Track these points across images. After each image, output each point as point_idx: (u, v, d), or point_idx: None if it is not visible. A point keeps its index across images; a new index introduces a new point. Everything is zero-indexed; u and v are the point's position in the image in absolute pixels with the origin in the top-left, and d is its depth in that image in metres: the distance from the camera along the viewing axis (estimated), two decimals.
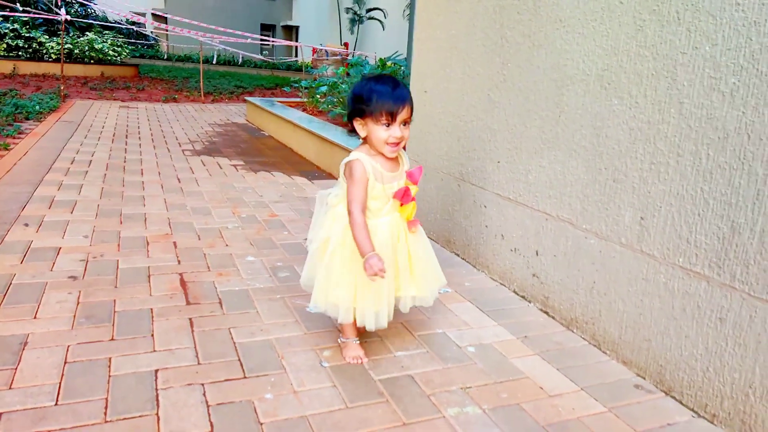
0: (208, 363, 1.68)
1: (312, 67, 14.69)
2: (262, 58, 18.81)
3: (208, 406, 1.47)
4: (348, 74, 6.72)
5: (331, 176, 4.53)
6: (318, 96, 6.57)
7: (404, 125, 1.63)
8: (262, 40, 19.65)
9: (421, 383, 1.66)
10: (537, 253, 2.26)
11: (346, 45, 20.57)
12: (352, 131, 1.70)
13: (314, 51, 17.97)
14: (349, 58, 11.39)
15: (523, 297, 2.35)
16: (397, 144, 1.63)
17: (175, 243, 2.70)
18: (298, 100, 7.81)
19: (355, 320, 1.72)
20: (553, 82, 2.11)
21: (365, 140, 1.68)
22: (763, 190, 1.42)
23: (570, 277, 2.09)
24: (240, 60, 17.88)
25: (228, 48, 15.14)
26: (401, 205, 1.72)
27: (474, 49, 2.58)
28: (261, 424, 1.42)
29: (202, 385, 1.56)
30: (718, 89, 1.51)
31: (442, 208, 2.92)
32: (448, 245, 2.88)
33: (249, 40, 14.65)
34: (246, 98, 8.23)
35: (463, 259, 2.74)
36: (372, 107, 1.58)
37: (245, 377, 1.62)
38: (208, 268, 2.41)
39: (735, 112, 1.47)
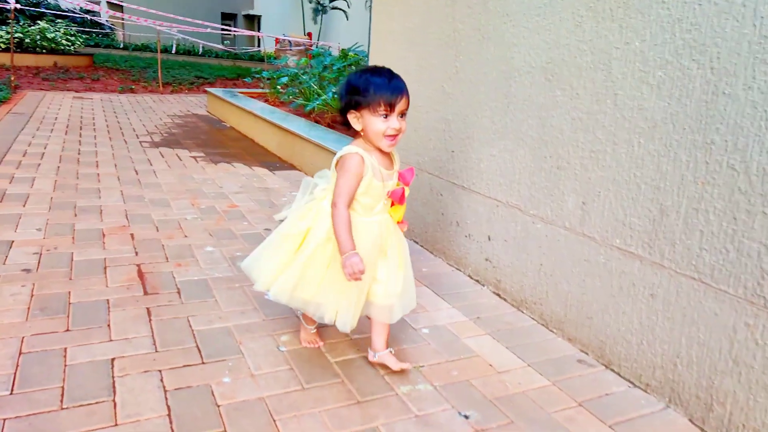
0: (166, 350, 1.71)
1: (275, 58, 14.54)
2: (223, 47, 18.48)
3: (165, 391, 1.50)
4: (310, 65, 6.71)
5: (293, 167, 4.55)
6: (279, 87, 6.54)
7: (401, 117, 1.57)
8: (222, 29, 19.29)
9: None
10: (489, 239, 2.35)
11: (309, 35, 20.41)
12: (345, 125, 1.62)
13: (277, 41, 17.77)
14: (312, 48, 11.33)
15: (477, 281, 2.44)
16: (395, 136, 1.56)
17: (132, 235, 2.69)
18: (260, 91, 7.75)
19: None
20: (501, 74, 2.20)
21: (359, 135, 1.61)
22: (686, 175, 1.53)
23: (519, 261, 2.19)
24: (200, 50, 17.54)
25: (187, 37, 14.83)
26: (392, 205, 1.67)
27: (429, 42, 2.65)
28: (218, 406, 1.46)
29: (160, 371, 1.59)
30: (647, 82, 1.61)
31: None
32: (406, 233, 2.95)
33: (209, 30, 14.38)
34: (207, 89, 8.11)
35: (420, 246, 2.82)
36: (369, 98, 1.52)
37: (203, 363, 1.66)
38: (166, 259, 2.42)
39: (662, 103, 1.58)
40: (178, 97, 9.20)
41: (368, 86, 1.53)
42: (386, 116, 1.54)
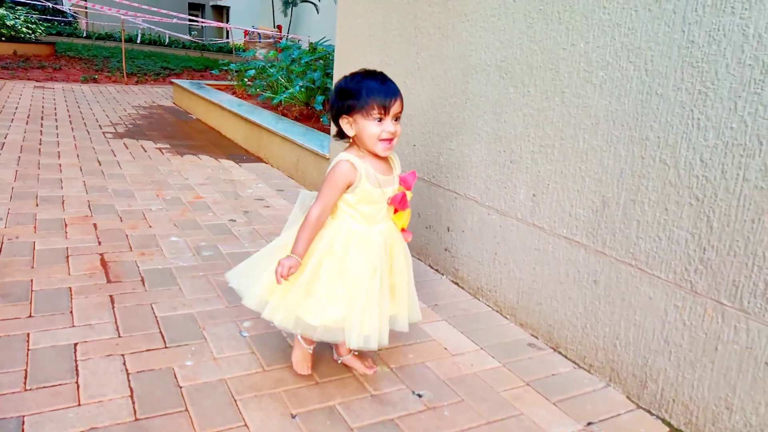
0: (129, 336, 1.74)
1: (243, 50, 14.38)
2: (190, 38, 18.17)
3: (128, 374, 1.55)
4: (278, 59, 6.71)
5: (260, 159, 4.57)
6: (246, 79, 6.53)
7: (396, 120, 1.50)
8: (190, 20, 18.96)
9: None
10: (448, 230, 2.44)
11: (279, 28, 20.21)
12: (338, 134, 1.56)
13: (246, 33, 17.56)
14: (282, 41, 11.26)
15: (437, 270, 2.54)
16: (391, 140, 1.50)
17: (95, 225, 2.69)
18: (227, 83, 7.71)
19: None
20: (460, 71, 2.28)
21: (353, 141, 1.54)
22: (625, 168, 1.65)
23: (476, 250, 2.29)
24: (166, 40, 17.21)
25: (153, 27, 14.55)
26: (395, 212, 1.60)
27: (391, 38, 2.72)
28: (180, 387, 1.51)
29: (122, 355, 1.63)
30: (591, 81, 1.72)
31: None
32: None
33: (175, 20, 14.14)
34: (173, 80, 8.02)
35: None
36: (362, 101, 1.46)
37: (166, 347, 1.70)
38: (130, 248, 2.44)
39: (603, 101, 1.69)
40: (143, 87, 9.06)
41: (360, 89, 1.47)
42: (380, 120, 1.48)
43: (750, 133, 1.35)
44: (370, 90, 1.47)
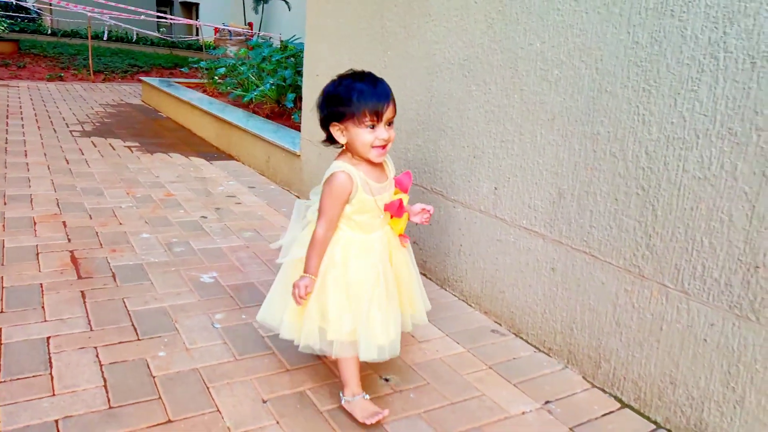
0: (101, 329, 1.77)
1: (214, 47, 14.25)
2: (159, 35, 17.89)
3: (101, 365, 1.58)
4: (249, 56, 6.70)
5: (231, 157, 4.58)
6: (217, 77, 6.51)
7: (389, 125, 1.45)
8: (158, 16, 18.66)
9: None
10: (416, 223, 2.51)
11: (250, 25, 20.05)
12: (327, 140, 1.51)
13: (216, 31, 17.38)
14: (253, 39, 11.20)
15: None
16: (385, 147, 1.45)
17: (64, 222, 2.69)
18: (197, 81, 7.65)
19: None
20: (425, 70, 2.36)
21: (345, 148, 1.49)
22: (579, 161, 1.75)
23: (443, 242, 2.37)
24: (134, 37, 16.92)
25: (120, 24, 14.29)
26: (391, 217, 1.55)
27: (359, 37, 2.78)
28: (153, 377, 1.56)
29: (95, 348, 1.67)
30: (547, 79, 1.82)
31: None
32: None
33: (143, 17, 13.92)
34: (141, 78, 7.93)
35: None
36: (353, 108, 1.39)
37: (139, 339, 1.74)
38: (100, 245, 2.45)
39: (558, 98, 1.79)
40: (110, 85, 8.92)
41: (350, 94, 1.39)
42: (373, 126, 1.41)
43: (688, 127, 1.45)
44: (361, 95, 1.39)
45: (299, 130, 3.64)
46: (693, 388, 1.50)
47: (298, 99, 4.91)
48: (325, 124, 1.48)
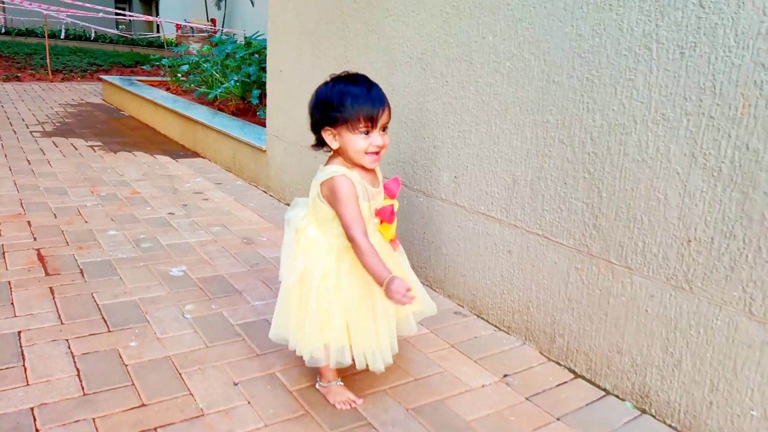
0: (72, 322, 1.80)
1: (176, 45, 14.02)
2: (118, 33, 17.49)
3: (73, 356, 1.61)
4: (212, 53, 6.66)
5: (197, 154, 4.57)
6: (180, 75, 6.45)
7: (383, 131, 1.42)
8: (117, 13, 18.24)
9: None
10: None
11: (213, 22, 19.74)
12: (317, 144, 1.47)
13: (178, 27, 17.08)
14: (216, 35, 11.07)
15: None
16: (378, 153, 1.42)
17: (29, 222, 2.68)
18: (160, 78, 7.56)
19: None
20: (385, 64, 2.44)
21: (336, 153, 1.45)
22: (531, 149, 1.85)
23: (407, 231, 2.45)
24: (92, 35, 16.51)
25: (78, 22, 13.95)
26: (381, 222, 1.53)
27: (321, 33, 2.84)
28: (126, 365, 1.60)
29: (67, 340, 1.70)
30: (499, 71, 1.91)
31: (303, 179, 3.18)
32: None
33: (101, 14, 13.60)
34: (102, 77, 7.79)
35: None
36: (346, 113, 1.35)
37: (109, 331, 1.77)
38: (66, 243, 2.46)
39: (511, 89, 1.89)
40: (69, 85, 8.73)
41: (344, 99, 1.35)
42: (367, 132, 1.38)
43: (627, 114, 1.56)
44: (355, 99, 1.35)
45: (265, 126, 3.68)
46: (637, 356, 1.62)
47: (263, 95, 4.92)
48: (316, 128, 1.43)
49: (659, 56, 1.47)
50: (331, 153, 1.48)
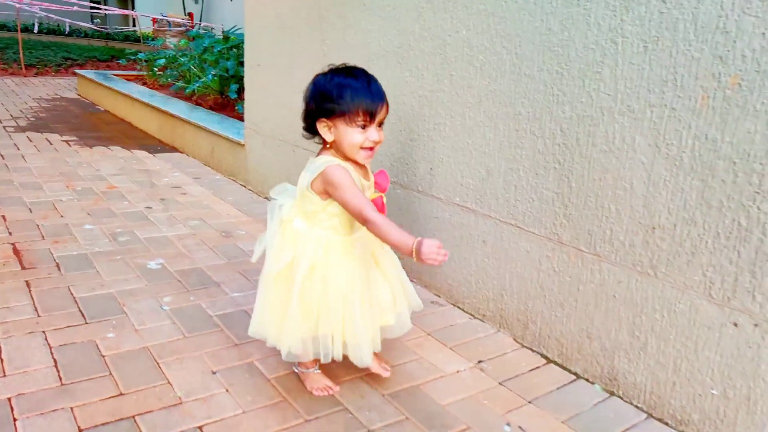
0: (48, 315, 1.80)
1: (153, 39, 13.81)
2: (93, 27, 17.16)
3: (50, 348, 1.62)
4: (189, 48, 6.60)
5: (175, 149, 4.54)
6: (156, 69, 6.39)
7: (379, 126, 1.40)
8: (92, 7, 17.91)
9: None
10: None
11: (190, 16, 19.48)
12: (310, 131, 1.45)
13: (155, 21, 16.82)
14: (193, 29, 10.94)
15: None
16: (373, 149, 1.40)
17: (4, 216, 2.65)
18: (136, 73, 7.47)
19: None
20: (362, 58, 2.46)
21: (328, 145, 1.43)
22: (504, 141, 1.89)
23: None
24: (67, 29, 16.19)
25: (51, 16, 13.66)
26: None
27: (299, 27, 2.85)
28: (103, 356, 1.60)
29: (44, 332, 1.69)
30: (473, 64, 1.95)
31: (281, 173, 3.19)
32: None
33: (75, 8, 13.35)
34: (77, 71, 7.67)
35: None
36: (345, 106, 1.33)
37: (87, 323, 1.77)
38: (42, 237, 2.44)
39: (484, 82, 1.93)
40: (43, 79, 8.58)
41: (343, 92, 1.33)
42: (364, 127, 1.36)
43: (595, 105, 1.62)
44: (355, 93, 1.33)
45: (243, 120, 3.68)
46: (605, 340, 1.67)
47: (242, 90, 4.90)
48: (310, 118, 1.41)
49: (624, 50, 1.52)
50: (322, 146, 1.46)
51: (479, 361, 1.78)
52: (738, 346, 1.38)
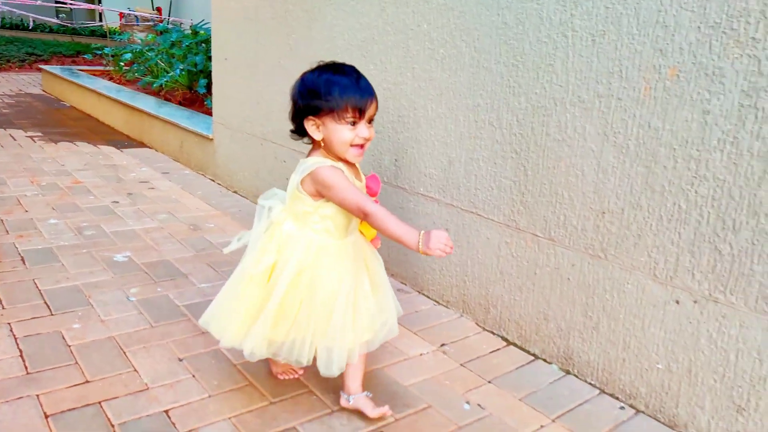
0: (13, 307, 1.80)
1: (119, 33, 13.56)
2: (58, 22, 16.76)
3: (15, 339, 1.62)
4: (157, 42, 6.52)
5: (143, 144, 4.50)
6: (123, 64, 6.31)
7: (369, 123, 1.37)
8: (57, 2, 17.47)
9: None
10: None
11: (158, 10, 19.16)
12: (297, 133, 1.41)
13: (122, 16, 16.50)
14: (161, 24, 10.78)
15: None
16: (363, 146, 1.37)
17: None
18: (102, 68, 7.35)
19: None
20: (328, 51, 2.50)
21: (317, 145, 1.39)
22: (464, 132, 1.96)
23: None
24: (31, 24, 15.78)
25: (14, 10, 13.30)
26: (362, 221, 1.43)
27: (264, 21, 2.87)
28: (69, 346, 1.62)
29: (9, 324, 1.70)
30: (434, 57, 2.01)
31: (250, 166, 3.20)
32: (257, 200, 3.18)
33: (39, 2, 13.03)
34: (41, 67, 7.51)
35: None
36: (333, 102, 1.30)
37: (52, 315, 1.78)
38: (6, 232, 2.42)
39: (445, 75, 1.98)
40: (6, 75, 8.37)
41: (331, 88, 1.31)
42: (354, 123, 1.33)
43: (548, 96, 1.69)
44: (344, 89, 1.31)
45: (211, 114, 3.67)
46: (561, 321, 1.75)
47: (211, 84, 4.88)
48: (298, 117, 1.37)
49: (574, 43, 1.60)
50: (312, 146, 1.42)
51: (442, 345, 1.85)
52: (680, 322, 1.47)
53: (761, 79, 1.26)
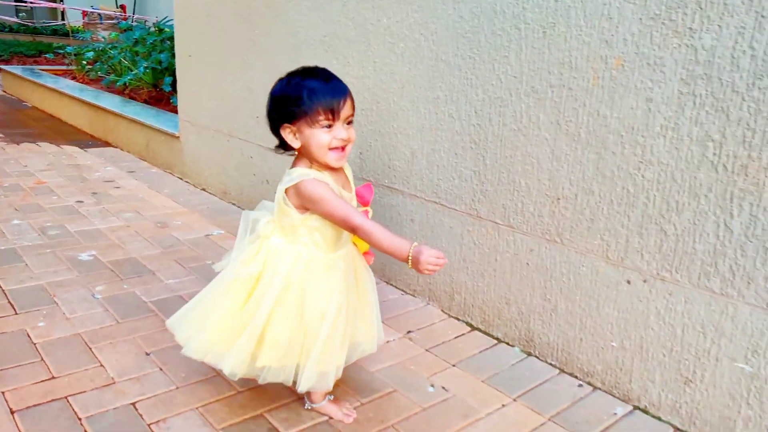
0: None
1: (82, 32, 13.26)
2: (18, 21, 16.30)
3: None
4: (120, 40, 6.41)
5: (108, 144, 4.44)
6: (85, 62, 6.19)
7: (348, 124, 1.33)
8: (17, 0, 16.99)
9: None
10: None
11: (122, 8, 18.77)
12: (280, 146, 1.36)
13: (84, 14, 16.12)
14: (125, 21, 10.58)
15: None
16: (343, 148, 1.32)
17: None
18: (65, 68, 7.20)
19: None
20: (291, 47, 2.51)
21: (300, 154, 1.35)
22: (425, 123, 2.00)
23: None
24: None
25: None
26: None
27: (227, 17, 2.87)
28: (35, 344, 1.61)
29: None
30: (394, 51, 2.05)
31: (217, 163, 3.20)
32: (225, 196, 3.18)
33: None
34: (1, 67, 7.32)
35: (238, 207, 3.07)
36: (305, 107, 1.26)
37: (16, 314, 1.77)
38: None
39: (405, 68, 2.02)
40: None
41: (301, 93, 1.27)
42: (329, 126, 1.29)
43: (504, 87, 1.74)
44: (313, 92, 1.27)
45: (176, 113, 3.65)
46: (522, 305, 1.81)
47: (176, 82, 4.84)
48: (275, 128, 1.33)
49: (527, 35, 1.65)
50: (296, 155, 1.37)
51: (408, 332, 1.89)
52: (631, 301, 1.54)
53: (698, 68, 1.33)
